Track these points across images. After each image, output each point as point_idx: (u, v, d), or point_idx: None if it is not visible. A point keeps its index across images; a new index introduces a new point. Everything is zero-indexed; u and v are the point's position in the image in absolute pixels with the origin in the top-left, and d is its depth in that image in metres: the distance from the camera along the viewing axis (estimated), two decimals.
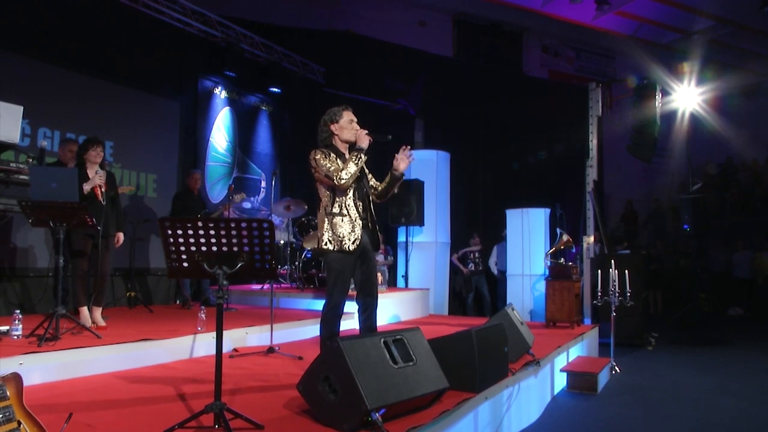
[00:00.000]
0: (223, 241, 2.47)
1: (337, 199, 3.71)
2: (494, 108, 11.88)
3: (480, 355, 3.47)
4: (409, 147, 3.84)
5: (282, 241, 8.36)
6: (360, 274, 3.81)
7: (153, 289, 7.82)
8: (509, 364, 4.09)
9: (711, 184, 15.31)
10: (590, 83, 9.13)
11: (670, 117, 11.59)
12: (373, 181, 4.00)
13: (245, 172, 9.75)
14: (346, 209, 3.69)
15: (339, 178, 3.60)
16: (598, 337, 7.45)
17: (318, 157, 3.70)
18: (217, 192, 9.06)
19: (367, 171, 3.96)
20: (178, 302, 7.68)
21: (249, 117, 9.97)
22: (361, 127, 3.81)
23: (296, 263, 8.12)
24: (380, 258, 9.74)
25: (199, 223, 2.42)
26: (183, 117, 8.38)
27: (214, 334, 5.01)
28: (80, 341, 4.21)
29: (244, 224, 2.43)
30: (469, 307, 10.62)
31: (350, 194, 3.73)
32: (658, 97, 8.57)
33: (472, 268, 10.44)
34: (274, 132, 10.48)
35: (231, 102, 9.46)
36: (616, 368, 6.30)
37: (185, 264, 2.53)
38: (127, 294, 6.88)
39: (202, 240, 2.46)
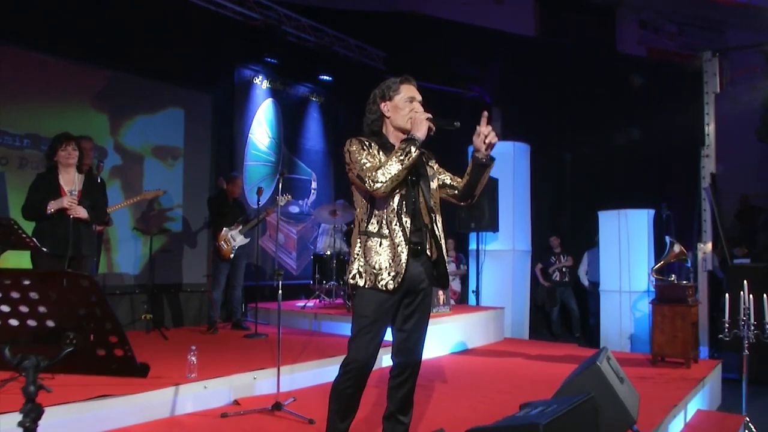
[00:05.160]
0: (23, 309, 1.27)
1: (376, 212, 2.48)
2: (583, 93, 10.25)
3: None
4: (486, 117, 2.44)
5: (328, 252, 7.19)
6: (402, 321, 2.53)
7: (182, 308, 6.88)
8: None
9: None
10: (704, 53, 7.34)
11: None
12: (449, 178, 2.70)
13: (292, 171, 8.64)
14: (387, 228, 2.44)
15: (373, 180, 2.36)
16: (721, 371, 5.78)
17: (354, 148, 2.48)
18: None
19: (433, 168, 2.67)
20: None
21: (296, 109, 8.88)
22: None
23: (345, 277, 6.88)
24: (451, 267, 8.40)
25: None
26: (216, 111, 7.39)
27: (206, 383, 3.89)
28: (15, 399, 3.18)
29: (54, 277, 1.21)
30: (555, 323, 9.10)
31: (393, 206, 2.46)
32: None
33: (557, 278, 8.91)
34: (326, 126, 9.37)
35: (274, 93, 8.38)
36: (751, 426, 4.67)
37: None
38: (143, 316, 5.94)
39: None
